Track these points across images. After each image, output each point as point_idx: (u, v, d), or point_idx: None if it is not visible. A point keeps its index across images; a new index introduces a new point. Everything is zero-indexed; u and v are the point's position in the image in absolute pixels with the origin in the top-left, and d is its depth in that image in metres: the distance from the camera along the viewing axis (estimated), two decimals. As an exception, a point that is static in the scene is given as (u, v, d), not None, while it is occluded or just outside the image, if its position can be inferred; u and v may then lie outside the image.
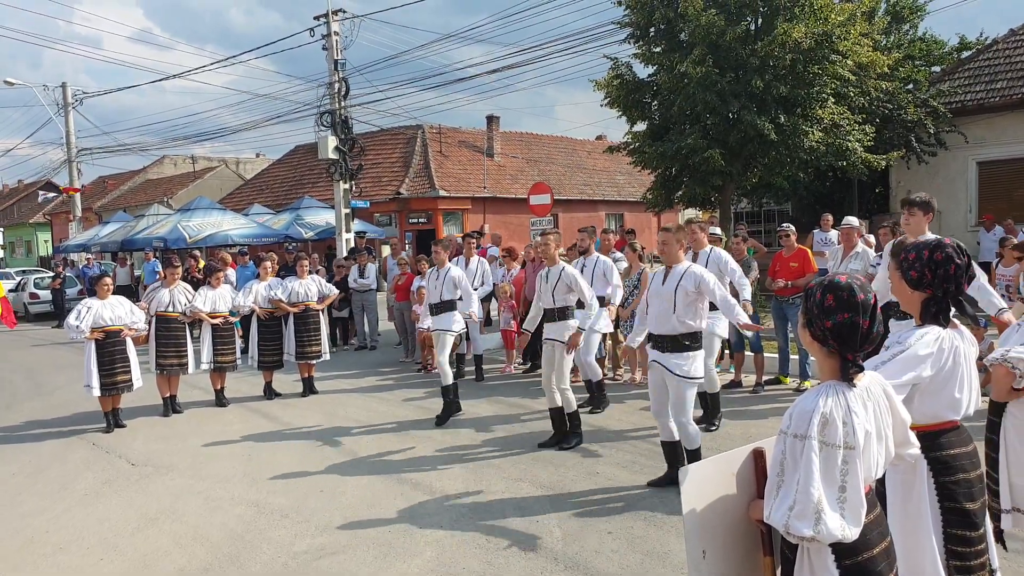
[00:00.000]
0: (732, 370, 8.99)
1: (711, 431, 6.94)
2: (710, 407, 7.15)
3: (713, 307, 7.04)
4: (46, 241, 49.29)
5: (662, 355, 5.45)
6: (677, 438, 5.55)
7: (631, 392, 8.79)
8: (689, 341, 5.41)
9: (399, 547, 4.82)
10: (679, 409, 5.41)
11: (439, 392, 8.18)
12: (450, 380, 7.96)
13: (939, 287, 2.72)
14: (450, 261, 8.56)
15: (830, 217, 12.22)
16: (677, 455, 5.55)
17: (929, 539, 2.67)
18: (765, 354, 8.86)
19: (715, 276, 5.98)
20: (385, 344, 13.37)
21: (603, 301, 8.32)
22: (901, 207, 5.35)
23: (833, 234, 11.52)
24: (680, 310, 5.39)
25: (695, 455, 5.42)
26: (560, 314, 6.82)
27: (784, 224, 9.24)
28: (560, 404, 6.73)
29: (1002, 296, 7.59)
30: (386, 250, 24.31)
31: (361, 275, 13.24)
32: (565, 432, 6.80)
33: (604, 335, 8.94)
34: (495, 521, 5.14)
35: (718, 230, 9.83)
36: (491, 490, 5.76)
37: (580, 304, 8.16)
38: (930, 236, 5.03)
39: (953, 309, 2.78)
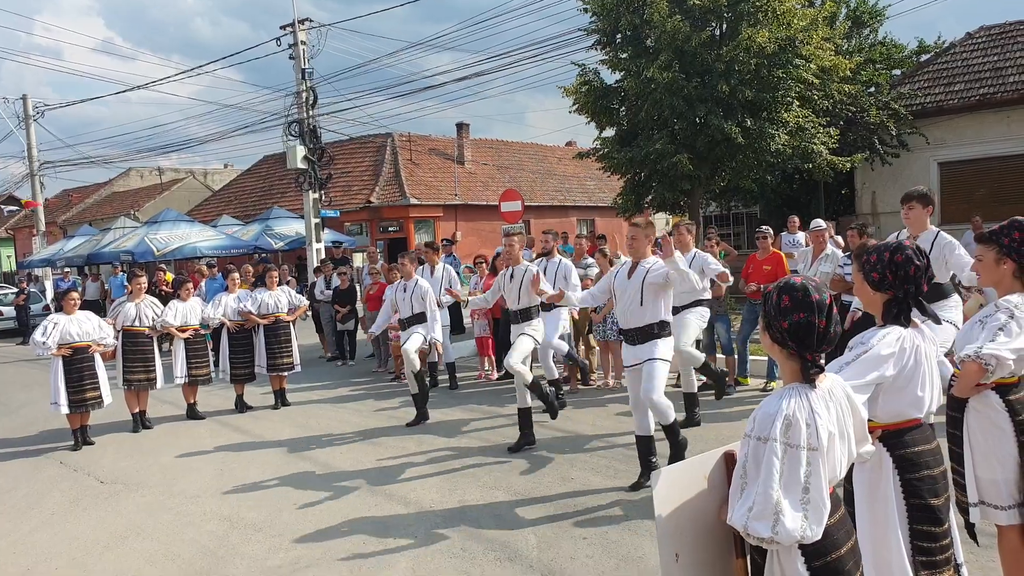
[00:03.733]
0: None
1: (693, 424, 7.07)
2: (686, 405, 7.23)
3: (698, 303, 7.16)
4: (9, 256, 48.35)
5: (636, 349, 5.58)
6: (650, 432, 5.66)
7: (605, 396, 8.83)
8: (658, 329, 5.57)
9: (373, 559, 4.79)
10: (650, 385, 5.50)
11: (412, 402, 8.19)
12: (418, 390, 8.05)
13: (900, 288, 2.78)
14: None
15: (796, 219, 12.37)
16: (650, 450, 5.66)
17: (896, 535, 2.72)
18: (751, 357, 8.96)
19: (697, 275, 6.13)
20: (357, 355, 13.27)
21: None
22: (901, 203, 5.46)
23: (801, 236, 11.66)
24: (648, 302, 5.53)
25: (670, 429, 5.54)
26: (523, 315, 6.90)
27: (762, 227, 9.28)
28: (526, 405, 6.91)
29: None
30: (358, 259, 24.24)
31: (327, 286, 13.16)
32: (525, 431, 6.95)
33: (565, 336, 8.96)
34: (470, 530, 5.13)
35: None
36: (465, 498, 5.75)
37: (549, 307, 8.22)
38: (932, 229, 5.32)
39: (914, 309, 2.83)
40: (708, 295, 7.44)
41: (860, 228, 7.71)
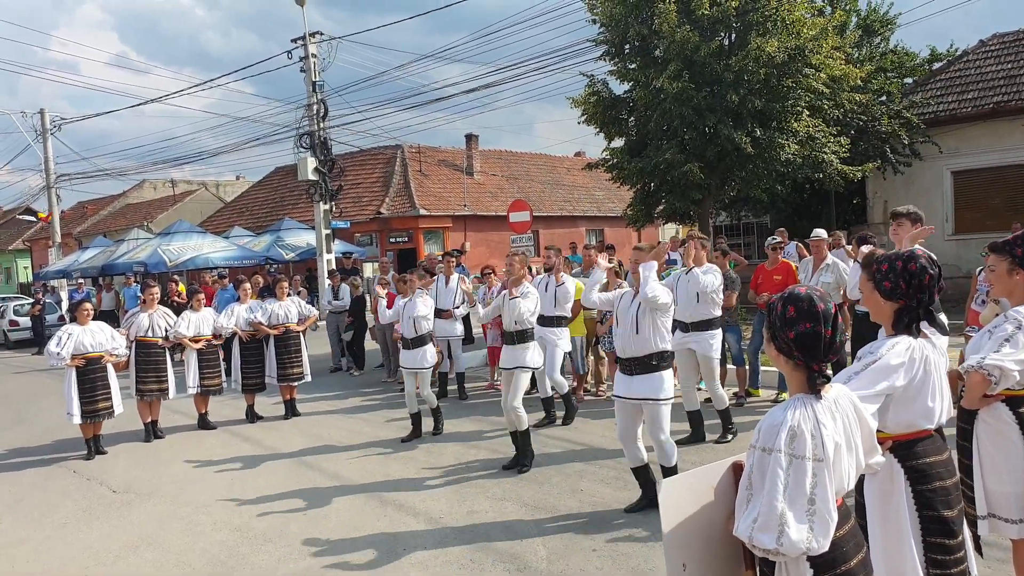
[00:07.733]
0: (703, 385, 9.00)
1: (724, 442, 6.99)
2: (723, 422, 7.15)
3: (709, 325, 7.03)
4: (26, 268, 48.79)
5: (630, 381, 5.35)
6: (644, 461, 5.45)
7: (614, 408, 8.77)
8: (657, 361, 5.28)
9: (384, 570, 4.78)
10: (656, 428, 5.34)
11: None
12: (435, 403, 8.05)
13: (913, 297, 2.75)
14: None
15: (784, 231, 12.53)
16: (648, 478, 5.46)
17: (909, 548, 2.69)
18: (763, 368, 8.90)
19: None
20: (367, 365, 13.28)
21: (565, 321, 8.29)
22: (891, 219, 5.54)
23: (791, 246, 11.61)
24: (645, 329, 5.25)
25: (671, 472, 5.39)
26: (519, 337, 6.66)
27: (773, 237, 9.19)
28: (523, 426, 6.58)
29: (982, 302, 7.67)
30: (368, 270, 24.30)
31: (335, 296, 13.18)
32: (525, 452, 6.66)
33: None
34: (480, 542, 5.11)
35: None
36: (475, 510, 5.74)
37: (558, 322, 8.14)
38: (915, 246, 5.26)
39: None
40: (718, 312, 7.17)
41: (860, 240, 7.48)
